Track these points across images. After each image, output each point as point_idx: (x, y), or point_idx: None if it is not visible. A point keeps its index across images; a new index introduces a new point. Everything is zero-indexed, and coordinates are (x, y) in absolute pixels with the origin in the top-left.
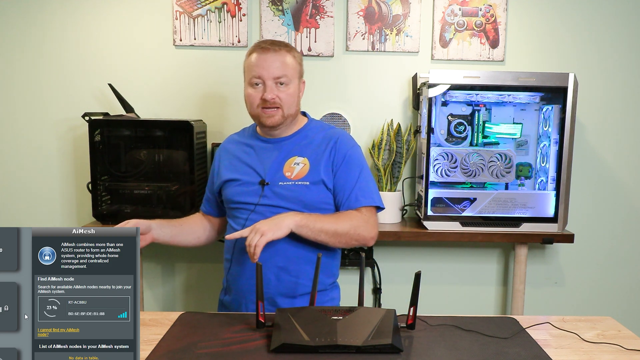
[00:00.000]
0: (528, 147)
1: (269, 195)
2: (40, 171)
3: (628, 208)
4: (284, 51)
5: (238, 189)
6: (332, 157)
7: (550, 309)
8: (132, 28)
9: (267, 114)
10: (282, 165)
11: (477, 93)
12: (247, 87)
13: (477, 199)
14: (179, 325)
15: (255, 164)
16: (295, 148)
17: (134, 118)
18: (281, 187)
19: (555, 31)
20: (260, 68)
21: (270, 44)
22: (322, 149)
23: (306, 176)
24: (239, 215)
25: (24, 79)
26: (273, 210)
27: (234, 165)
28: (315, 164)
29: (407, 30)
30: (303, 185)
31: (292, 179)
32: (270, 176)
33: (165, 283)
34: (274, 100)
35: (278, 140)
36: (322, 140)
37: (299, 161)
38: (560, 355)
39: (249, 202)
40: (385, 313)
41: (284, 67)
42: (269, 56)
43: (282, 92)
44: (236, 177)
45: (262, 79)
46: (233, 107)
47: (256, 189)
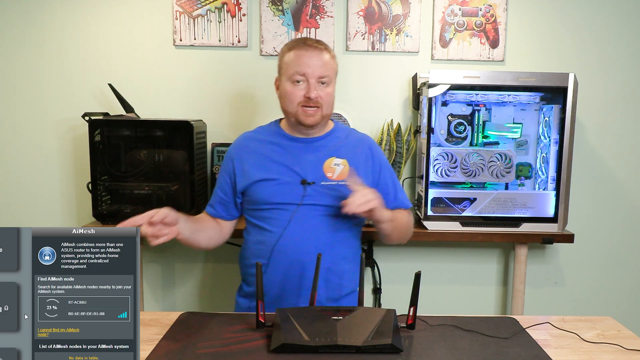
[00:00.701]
0: (528, 147)
1: (311, 195)
2: (40, 171)
3: (628, 208)
4: (325, 51)
5: (276, 188)
6: (369, 162)
7: (550, 309)
8: (132, 28)
9: (308, 112)
10: (322, 166)
11: (477, 93)
12: (287, 83)
13: (477, 199)
14: (179, 325)
15: (291, 163)
16: (331, 149)
17: (134, 118)
18: (324, 187)
19: (555, 31)
20: (304, 66)
21: (315, 42)
22: (357, 152)
23: (348, 177)
24: (275, 217)
25: (24, 79)
26: (315, 210)
27: (264, 164)
28: (354, 165)
29: (407, 30)
30: (345, 186)
31: (334, 179)
32: (311, 176)
33: (165, 283)
34: (317, 99)
35: (312, 140)
36: (355, 143)
37: (339, 162)
38: (560, 355)
39: (290, 202)
40: (385, 313)
41: (326, 67)
42: (315, 54)
43: (322, 92)
44: (272, 176)
45: (306, 76)
46: (233, 107)
47: (297, 189)
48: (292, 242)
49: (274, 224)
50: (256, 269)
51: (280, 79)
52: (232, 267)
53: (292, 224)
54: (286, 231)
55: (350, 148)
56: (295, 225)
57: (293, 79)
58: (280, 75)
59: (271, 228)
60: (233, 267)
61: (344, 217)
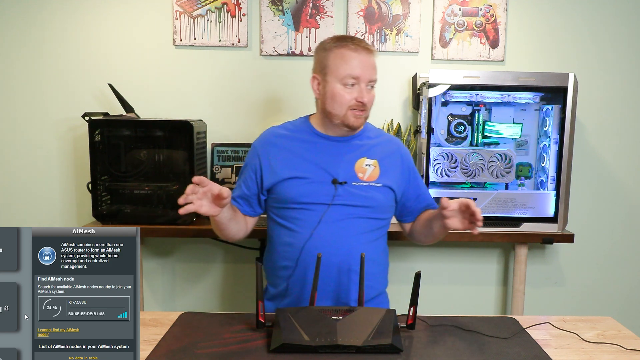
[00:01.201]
0: (528, 147)
1: (342, 195)
2: (40, 171)
3: (628, 208)
4: (374, 54)
5: (306, 187)
6: (401, 165)
7: (550, 309)
8: (132, 28)
9: (357, 115)
10: (353, 165)
11: (477, 93)
12: (336, 85)
13: (477, 199)
14: (179, 325)
15: (322, 162)
16: (362, 149)
17: (134, 118)
18: (355, 187)
19: (555, 31)
20: (359, 69)
21: (364, 43)
22: (388, 153)
23: (378, 178)
24: (303, 217)
25: (24, 79)
26: (345, 211)
27: (293, 161)
28: (385, 167)
29: (407, 30)
30: (376, 187)
31: (365, 180)
32: (342, 176)
33: (165, 283)
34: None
35: (344, 139)
36: (385, 144)
37: (370, 163)
38: (560, 355)
39: (321, 202)
40: (385, 313)
41: (375, 70)
42: (369, 58)
43: (370, 95)
44: (301, 174)
45: (358, 80)
46: (233, 107)
47: (327, 188)
48: (321, 243)
49: (302, 225)
50: (256, 268)
51: (326, 78)
52: (232, 267)
53: (321, 224)
54: (315, 232)
55: (380, 149)
56: (325, 227)
57: (345, 81)
58: (325, 74)
59: (299, 229)
60: (233, 267)
61: (372, 219)
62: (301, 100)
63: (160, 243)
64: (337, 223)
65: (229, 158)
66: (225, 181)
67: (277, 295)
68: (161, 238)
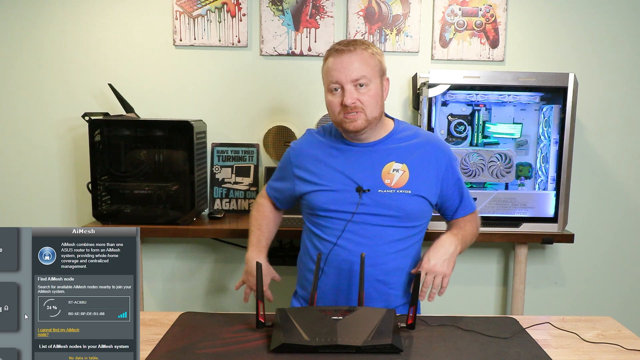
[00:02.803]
0: (528, 147)
1: (367, 204)
2: (40, 171)
3: (628, 208)
4: (359, 50)
5: (331, 196)
6: (434, 167)
7: (550, 309)
8: (132, 28)
9: (349, 119)
10: (380, 172)
11: (477, 93)
12: (327, 94)
13: (477, 199)
14: (179, 325)
15: (347, 170)
16: (390, 153)
17: (134, 118)
18: (381, 195)
19: (555, 31)
20: (336, 72)
21: (345, 44)
22: (420, 155)
23: (407, 184)
24: (329, 225)
25: (24, 79)
26: (372, 220)
27: (320, 169)
28: (416, 171)
29: (407, 30)
30: (405, 194)
31: (392, 187)
32: (367, 183)
33: (165, 283)
34: (354, 105)
35: (370, 144)
36: (419, 145)
37: (398, 167)
38: (560, 355)
39: (345, 210)
40: (385, 313)
41: (362, 68)
42: (344, 58)
43: (362, 95)
44: (327, 182)
45: (339, 83)
46: (233, 107)
47: (352, 197)
48: (345, 252)
49: (329, 232)
50: (256, 269)
51: (324, 90)
52: (232, 267)
53: (345, 233)
54: (340, 241)
55: (412, 151)
56: (349, 235)
57: (330, 88)
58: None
59: (326, 236)
60: (232, 267)
61: (401, 227)
62: (301, 100)
63: (160, 243)
64: (362, 232)
65: (229, 158)
66: (226, 181)
67: (305, 297)
68: (161, 238)
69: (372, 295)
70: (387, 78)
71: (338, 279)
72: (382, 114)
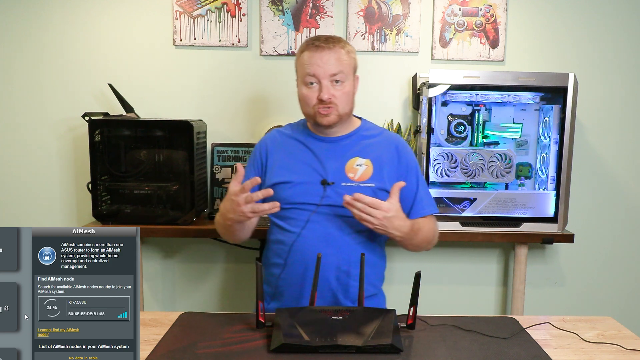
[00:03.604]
0: (528, 147)
1: (331, 196)
2: (40, 171)
3: (628, 208)
4: (338, 47)
5: (297, 188)
6: (396, 165)
7: (550, 309)
8: (132, 28)
9: (323, 113)
10: (344, 166)
11: (477, 93)
12: (302, 87)
13: (477, 199)
14: (179, 325)
15: (313, 163)
16: (355, 148)
17: (134, 118)
18: (344, 188)
19: (555, 31)
20: (315, 66)
21: (325, 40)
22: (383, 152)
23: (370, 178)
24: (293, 217)
25: (24, 79)
26: (336, 211)
27: (289, 163)
28: (379, 167)
29: (407, 30)
30: (368, 187)
31: (356, 180)
32: (332, 176)
33: (165, 283)
34: (330, 100)
35: (336, 139)
36: (382, 143)
37: (362, 162)
38: (560, 355)
39: (310, 202)
40: (385, 313)
41: (339, 65)
42: (324, 54)
43: (337, 91)
44: (294, 176)
45: (317, 77)
46: (233, 107)
47: (317, 189)
48: (309, 242)
49: (293, 223)
50: (256, 269)
51: (297, 83)
52: (232, 267)
53: (309, 224)
54: (304, 231)
55: (376, 148)
56: (313, 226)
57: (306, 81)
58: (296, 79)
59: (290, 228)
60: (232, 268)
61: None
62: None
63: (160, 243)
64: (326, 223)
65: (229, 158)
66: (226, 181)
67: (270, 293)
68: (161, 238)
69: (332, 284)
70: (357, 76)
71: (304, 270)
72: (352, 110)
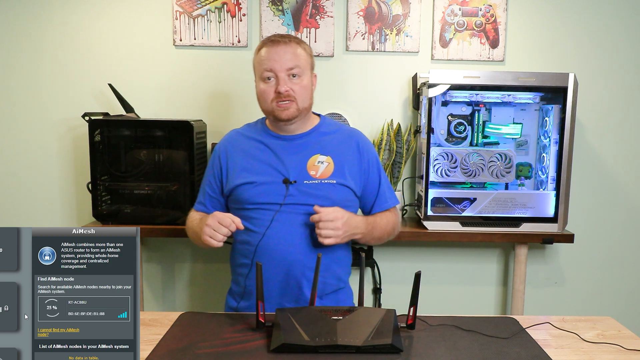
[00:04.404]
0: (528, 147)
1: (294, 194)
2: (40, 171)
3: (628, 208)
4: (294, 43)
5: (259, 189)
6: (357, 160)
7: (550, 309)
8: (132, 28)
9: (282, 107)
10: (305, 164)
11: (477, 93)
12: (259, 83)
13: (477, 199)
14: (179, 325)
15: (274, 162)
16: (315, 146)
17: (134, 118)
18: (307, 186)
19: (555, 31)
20: (271, 61)
21: (280, 36)
22: (344, 149)
23: (332, 175)
24: (258, 217)
25: (24, 79)
26: (299, 209)
27: (249, 163)
28: (340, 163)
29: (407, 30)
30: (330, 184)
31: (318, 178)
32: (293, 174)
33: (165, 283)
34: (288, 93)
35: (295, 137)
36: (343, 139)
37: (323, 159)
38: (560, 355)
39: (273, 202)
40: (385, 313)
41: (295, 59)
42: (280, 49)
43: (295, 85)
44: (255, 176)
45: (274, 72)
46: (233, 107)
47: (280, 189)
48: (274, 242)
49: (258, 224)
50: (256, 269)
51: (255, 81)
52: None
53: (274, 224)
54: (269, 231)
55: (336, 144)
56: (278, 225)
57: (263, 76)
58: (255, 78)
59: (255, 228)
60: None
61: None
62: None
63: (160, 243)
64: (291, 221)
65: None
66: None
67: (239, 293)
68: (161, 238)
69: (302, 283)
70: (315, 74)
71: (270, 269)
72: (311, 105)
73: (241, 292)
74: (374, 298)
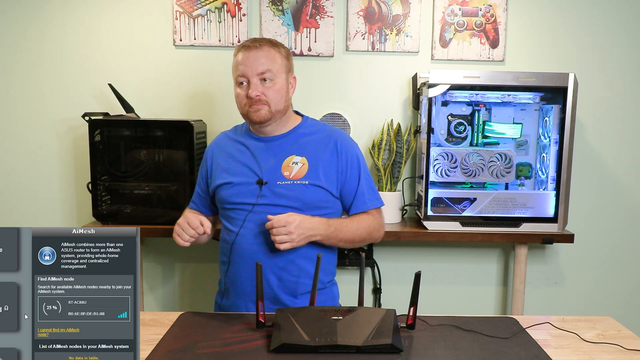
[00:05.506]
0: (528, 147)
1: (267, 195)
2: (40, 171)
3: (628, 208)
4: (267, 47)
5: (235, 189)
6: (334, 161)
7: (550, 309)
8: (132, 28)
9: (254, 109)
10: (280, 164)
11: (477, 93)
12: (235, 87)
13: (477, 199)
14: (179, 325)
15: (250, 163)
16: (292, 147)
17: (134, 118)
18: (280, 187)
19: (555, 31)
20: (243, 66)
21: (252, 41)
22: (321, 149)
23: (305, 176)
24: (234, 216)
25: (24, 79)
26: (272, 210)
27: (230, 164)
28: (315, 164)
29: (407, 30)
30: (302, 185)
31: (290, 179)
32: (267, 175)
33: (165, 283)
34: (259, 97)
35: (273, 138)
36: (321, 140)
37: (297, 160)
38: (560, 355)
39: (246, 202)
40: (385, 313)
41: (267, 63)
42: (251, 53)
43: (267, 89)
44: (232, 176)
45: (246, 76)
46: (233, 107)
47: (253, 189)
48: (246, 241)
49: (234, 223)
50: (256, 269)
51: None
52: None
53: (247, 223)
54: (242, 230)
55: (314, 145)
56: (250, 225)
57: (237, 81)
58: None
59: (231, 227)
60: None
61: None
62: (301, 100)
63: (160, 243)
64: (262, 222)
65: None
66: None
67: (221, 290)
68: (161, 238)
69: (271, 281)
70: (294, 76)
71: (245, 267)
72: (287, 108)
73: (222, 290)
74: (374, 298)
